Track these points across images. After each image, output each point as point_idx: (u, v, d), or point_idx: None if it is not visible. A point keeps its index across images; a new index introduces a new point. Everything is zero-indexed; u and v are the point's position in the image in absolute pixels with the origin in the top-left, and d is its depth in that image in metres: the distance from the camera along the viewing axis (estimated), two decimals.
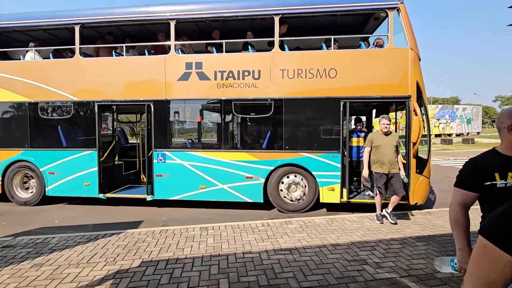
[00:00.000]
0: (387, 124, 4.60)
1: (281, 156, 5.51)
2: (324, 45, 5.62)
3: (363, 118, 8.46)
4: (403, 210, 5.29)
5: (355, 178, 6.57)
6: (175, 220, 5.30)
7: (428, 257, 3.40)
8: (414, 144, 4.98)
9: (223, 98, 5.60)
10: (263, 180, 5.56)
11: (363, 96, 5.24)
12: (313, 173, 5.41)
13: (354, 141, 6.14)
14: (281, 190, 5.58)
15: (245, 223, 4.74)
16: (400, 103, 5.44)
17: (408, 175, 5.09)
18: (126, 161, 7.27)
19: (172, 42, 5.67)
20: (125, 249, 3.75)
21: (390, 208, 4.69)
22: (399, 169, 4.62)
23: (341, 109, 5.24)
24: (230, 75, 5.55)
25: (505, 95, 55.94)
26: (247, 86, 5.51)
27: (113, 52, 6.10)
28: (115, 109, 7.10)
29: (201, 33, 6.37)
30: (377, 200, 4.77)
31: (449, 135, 31.22)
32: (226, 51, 5.77)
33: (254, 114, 5.83)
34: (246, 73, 5.51)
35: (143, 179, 7.14)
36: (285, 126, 5.49)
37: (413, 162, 5.08)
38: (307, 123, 5.53)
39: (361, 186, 6.47)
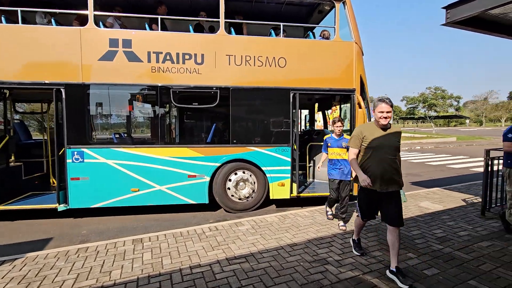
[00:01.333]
0: (388, 112, 2.72)
1: (228, 151, 5.01)
2: (273, 32, 5.30)
3: (306, 112, 8.61)
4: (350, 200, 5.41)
5: (300, 172, 6.51)
6: (99, 233, 4.28)
7: (382, 247, 3.40)
8: None
9: (160, 85, 4.77)
10: (208, 179, 4.97)
11: (312, 88, 5.11)
12: (263, 168, 5.08)
13: (336, 152, 4.17)
14: (229, 188, 5.09)
15: (189, 229, 4.10)
16: (345, 97, 5.52)
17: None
18: (28, 162, 5.69)
19: (90, 12, 4.55)
20: (22, 283, 2.72)
21: (392, 264, 2.76)
22: (400, 184, 2.76)
23: (291, 100, 5.01)
24: (168, 57, 4.75)
25: (409, 95, 66.81)
26: (188, 72, 4.80)
27: (3, 18, 4.58)
28: (8, 94, 5.43)
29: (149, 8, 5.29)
30: (356, 224, 3.25)
31: None
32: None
33: (197, 104, 5.15)
34: (187, 57, 4.79)
35: (54, 183, 5.71)
36: (232, 118, 4.99)
37: None
38: (256, 115, 5.14)
39: (307, 179, 6.46)
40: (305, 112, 8.96)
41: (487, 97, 68.51)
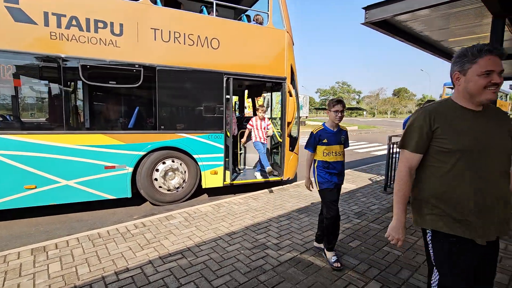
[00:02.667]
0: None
1: (155, 138, 4.49)
2: (205, 9, 4.90)
3: (235, 99, 8.50)
4: (278, 185, 5.65)
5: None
6: None
7: (313, 227, 3.64)
8: (289, 123, 5.31)
9: (63, 56, 3.84)
10: (130, 169, 4.37)
11: (246, 73, 5.00)
12: (195, 156, 4.76)
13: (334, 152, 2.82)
14: (156, 179, 4.60)
15: (110, 228, 3.53)
16: (275, 84, 5.63)
17: (283, 152, 5.42)
18: None
19: None
20: None
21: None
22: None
23: (225, 85, 4.80)
24: (74, 23, 3.84)
25: (323, 88, 74.66)
26: (103, 43, 4.01)
27: None
28: None
29: None
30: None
31: None
32: None
33: (115, 83, 4.38)
34: (100, 25, 3.98)
35: None
36: (159, 101, 4.46)
37: (287, 140, 5.43)
38: (187, 99, 4.73)
39: (238, 166, 6.43)
40: (234, 98, 8.85)
41: (379, 93, 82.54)
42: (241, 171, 6.10)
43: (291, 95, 5.29)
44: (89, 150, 4.08)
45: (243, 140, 5.16)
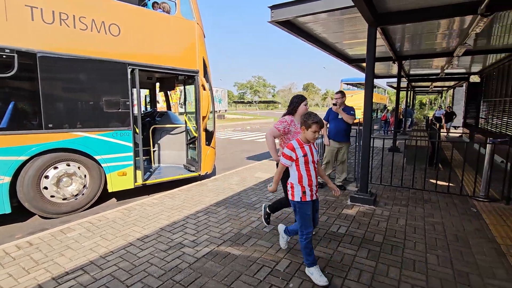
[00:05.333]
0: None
1: (41, 138, 3.75)
2: None
3: (146, 92, 7.86)
4: (196, 181, 5.55)
5: (144, 158, 5.97)
6: None
7: (230, 218, 3.74)
8: (204, 117, 5.24)
9: None
10: (7, 179, 3.55)
11: (154, 65, 4.65)
12: (96, 157, 4.21)
13: None
14: (46, 187, 3.88)
15: None
16: (188, 77, 5.44)
17: (200, 147, 5.34)
18: None
19: None
20: None
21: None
22: None
23: (129, 77, 4.36)
24: None
25: (240, 82, 76.32)
26: None
27: None
28: None
29: None
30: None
31: None
32: None
33: None
34: None
35: None
36: (45, 94, 3.73)
37: (203, 135, 5.36)
38: (83, 92, 4.10)
39: (152, 164, 6.02)
40: (144, 92, 8.18)
41: (291, 87, 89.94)
42: (156, 169, 5.73)
43: (204, 89, 5.22)
44: None
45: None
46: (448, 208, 4.11)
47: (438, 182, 4.98)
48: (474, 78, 13.14)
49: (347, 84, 25.00)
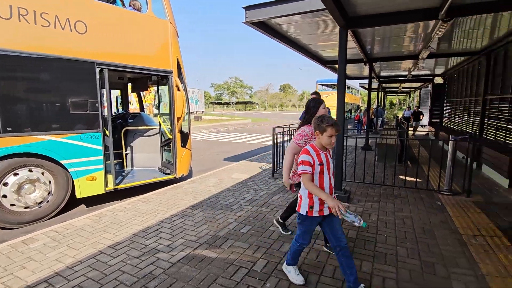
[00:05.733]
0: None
1: None
2: None
3: (117, 93, 7.55)
4: (172, 183, 5.41)
5: (116, 161, 5.73)
6: None
7: (207, 221, 3.68)
8: (179, 119, 5.12)
9: None
10: None
11: (125, 64, 4.47)
12: (62, 162, 3.96)
13: None
14: (5, 196, 3.59)
15: None
16: (162, 78, 5.28)
17: (175, 149, 5.21)
18: None
19: None
20: None
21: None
22: None
23: (98, 77, 4.15)
24: None
25: (217, 83, 75.64)
26: None
27: None
28: None
29: None
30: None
31: None
32: None
33: None
34: None
35: None
36: (2, 95, 3.46)
37: (178, 136, 5.24)
38: (47, 93, 3.84)
39: (124, 168, 5.78)
40: (116, 93, 7.85)
41: (268, 88, 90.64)
42: (129, 173, 5.51)
43: (179, 90, 5.10)
44: None
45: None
46: (416, 202, 4.34)
47: (407, 178, 5.25)
48: (438, 80, 14.04)
49: (323, 85, 25.66)
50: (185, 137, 5.46)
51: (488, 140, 6.94)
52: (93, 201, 4.64)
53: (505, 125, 6.22)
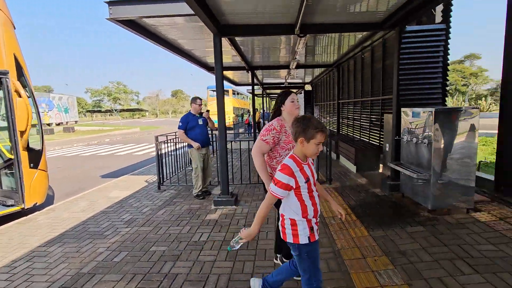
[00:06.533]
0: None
1: None
2: None
3: None
4: (20, 217, 4.16)
5: None
6: None
7: (67, 257, 2.97)
8: (23, 133, 3.99)
9: None
10: None
11: None
12: None
13: None
14: None
15: None
16: None
17: (20, 171, 4.04)
18: None
19: None
20: None
21: None
22: None
23: None
24: None
25: (94, 87, 64.99)
26: None
27: None
28: None
29: None
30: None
31: (49, 124, 30.26)
32: None
33: None
34: None
35: None
36: None
37: (24, 155, 4.08)
38: None
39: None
40: None
41: (158, 94, 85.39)
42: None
43: (20, 95, 3.98)
44: None
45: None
46: None
47: None
48: (308, 87, 16.64)
49: (213, 90, 26.14)
50: (35, 155, 4.31)
51: (342, 135, 8.66)
52: None
53: (351, 123, 7.92)
